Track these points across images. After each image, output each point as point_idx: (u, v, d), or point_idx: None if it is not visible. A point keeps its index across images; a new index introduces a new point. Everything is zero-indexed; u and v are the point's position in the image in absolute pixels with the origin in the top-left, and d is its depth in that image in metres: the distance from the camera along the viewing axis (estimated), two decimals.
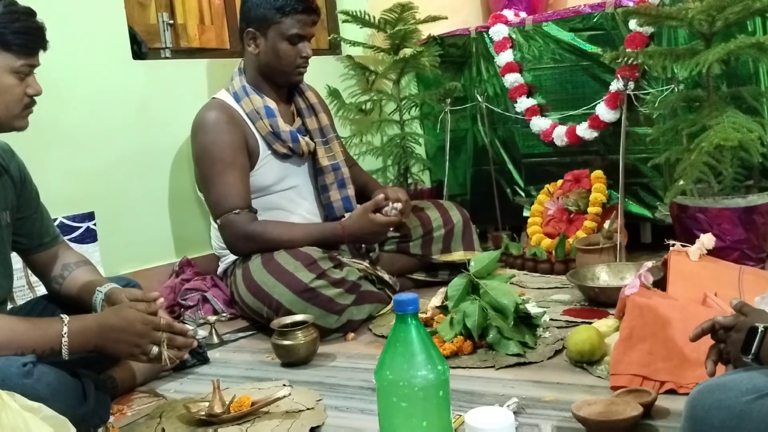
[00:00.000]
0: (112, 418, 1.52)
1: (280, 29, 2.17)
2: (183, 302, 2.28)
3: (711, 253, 1.83)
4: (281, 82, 2.27)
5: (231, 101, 2.22)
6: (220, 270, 2.33)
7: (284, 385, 1.63)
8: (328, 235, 2.14)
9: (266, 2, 2.16)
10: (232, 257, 2.23)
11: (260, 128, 2.20)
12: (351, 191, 2.37)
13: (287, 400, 1.50)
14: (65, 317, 1.41)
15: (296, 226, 2.16)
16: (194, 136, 2.19)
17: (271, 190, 2.24)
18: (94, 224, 2.22)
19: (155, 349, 1.45)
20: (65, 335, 1.38)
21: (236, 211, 2.08)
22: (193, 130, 2.20)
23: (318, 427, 1.42)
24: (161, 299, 1.53)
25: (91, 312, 1.53)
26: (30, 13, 1.44)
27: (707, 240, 1.82)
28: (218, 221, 2.12)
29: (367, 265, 2.19)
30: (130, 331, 1.43)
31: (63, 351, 1.38)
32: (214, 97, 2.27)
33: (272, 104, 2.23)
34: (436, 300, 1.88)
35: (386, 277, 2.20)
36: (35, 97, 1.47)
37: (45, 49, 1.47)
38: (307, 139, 2.28)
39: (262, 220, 2.14)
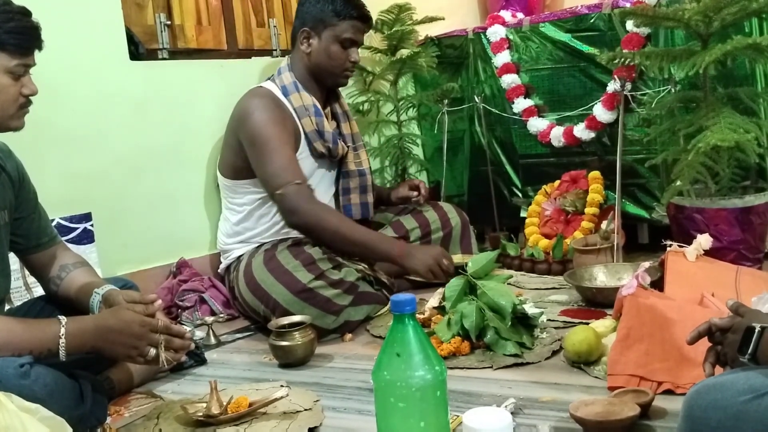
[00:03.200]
0: (109, 419, 1.51)
1: (334, 32, 2.23)
2: (180, 303, 2.27)
3: (708, 253, 1.83)
4: (328, 82, 2.32)
5: (278, 93, 2.25)
6: (222, 267, 2.33)
7: (282, 385, 1.63)
8: (385, 249, 2.08)
9: (325, 4, 2.22)
10: (236, 254, 2.23)
11: (306, 125, 2.24)
12: (371, 198, 2.41)
13: (285, 400, 1.50)
14: (63, 318, 1.40)
15: (356, 225, 2.14)
16: (248, 115, 2.17)
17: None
18: (92, 225, 2.21)
19: (153, 351, 1.45)
20: (62, 336, 1.38)
21: (298, 182, 2.08)
22: (244, 111, 2.19)
23: (316, 427, 1.42)
24: (159, 301, 1.53)
25: (88, 313, 1.53)
26: (25, 12, 1.43)
27: (704, 240, 1.82)
28: (279, 191, 2.08)
29: (365, 266, 2.19)
30: (128, 333, 1.43)
31: (60, 352, 1.38)
32: (260, 86, 2.29)
33: (319, 104, 2.28)
34: (434, 301, 1.89)
35: (384, 278, 2.20)
36: (31, 97, 1.47)
37: (40, 48, 1.47)
38: (342, 142, 2.34)
39: (323, 203, 2.16)
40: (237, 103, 2.26)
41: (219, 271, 2.35)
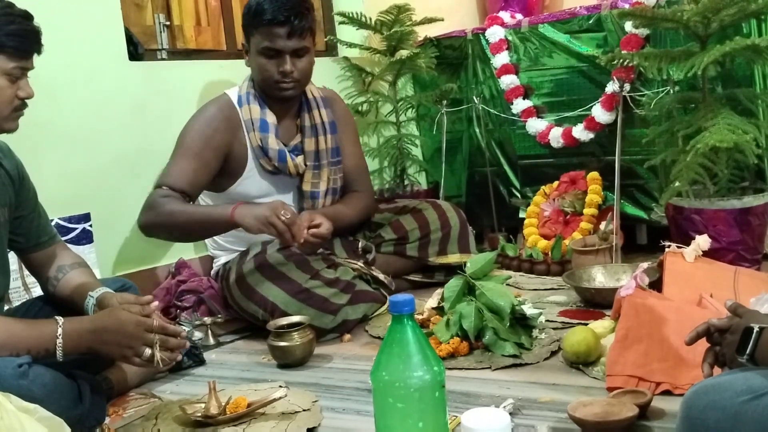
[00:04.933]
0: (107, 420, 1.51)
1: (254, 42, 2.09)
2: (179, 304, 2.27)
3: (706, 254, 1.83)
4: (271, 96, 2.16)
5: (236, 102, 2.18)
6: (213, 272, 2.32)
7: (280, 386, 1.63)
8: (218, 213, 1.93)
9: (248, 9, 2.08)
10: (224, 259, 2.23)
11: (252, 140, 2.14)
12: None
13: (283, 401, 1.49)
14: (60, 319, 1.40)
15: (193, 205, 2.03)
16: (189, 120, 2.16)
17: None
18: (90, 225, 2.21)
19: (148, 351, 1.44)
20: (60, 337, 1.37)
21: (164, 188, 1.99)
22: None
23: (314, 428, 1.42)
24: (155, 302, 1.52)
25: (84, 315, 1.53)
26: (26, 16, 1.43)
27: (703, 241, 1.82)
28: (151, 191, 2.05)
29: (362, 265, 2.18)
30: (123, 333, 1.42)
31: (57, 352, 1.38)
32: (225, 93, 2.22)
33: (271, 118, 2.15)
34: (433, 301, 1.88)
35: (381, 276, 2.19)
36: (27, 101, 1.46)
37: (39, 52, 1.47)
38: (298, 160, 2.18)
39: (174, 198, 1.99)
40: None
41: (211, 274, 2.35)
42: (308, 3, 2.12)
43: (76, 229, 2.18)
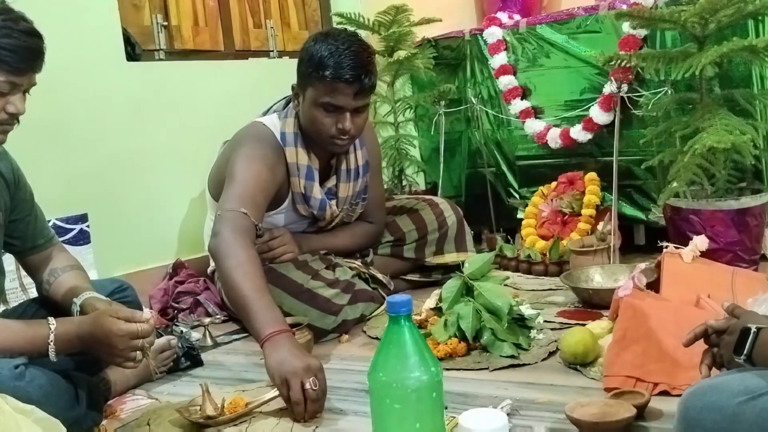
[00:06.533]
0: (104, 421, 1.51)
1: (312, 93, 1.93)
2: (176, 305, 2.27)
3: (704, 254, 1.83)
4: (321, 146, 2.04)
5: (278, 137, 2.04)
6: (210, 269, 2.31)
7: (268, 386, 1.62)
8: (257, 323, 1.58)
9: (310, 58, 1.91)
10: None
11: (294, 184, 2.05)
12: None
13: (279, 400, 1.49)
14: (52, 321, 1.38)
15: (255, 279, 1.67)
16: (237, 156, 1.96)
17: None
18: (88, 226, 2.21)
19: (139, 355, 1.41)
20: (51, 342, 1.36)
21: (243, 210, 1.80)
22: (238, 149, 1.99)
23: (312, 429, 1.42)
24: (152, 320, 1.44)
25: None
26: (28, 32, 1.36)
27: (700, 242, 1.82)
28: (218, 212, 1.85)
29: (360, 263, 2.17)
30: (108, 342, 1.37)
31: (50, 354, 1.37)
32: (264, 125, 2.06)
33: (315, 163, 2.07)
34: (431, 302, 1.88)
35: (380, 276, 2.19)
36: (20, 117, 1.40)
37: (35, 71, 1.40)
38: (334, 206, 2.15)
39: (243, 245, 1.74)
40: (238, 133, 2.09)
41: (208, 272, 2.34)
42: (374, 58, 1.99)
43: (74, 229, 2.18)
